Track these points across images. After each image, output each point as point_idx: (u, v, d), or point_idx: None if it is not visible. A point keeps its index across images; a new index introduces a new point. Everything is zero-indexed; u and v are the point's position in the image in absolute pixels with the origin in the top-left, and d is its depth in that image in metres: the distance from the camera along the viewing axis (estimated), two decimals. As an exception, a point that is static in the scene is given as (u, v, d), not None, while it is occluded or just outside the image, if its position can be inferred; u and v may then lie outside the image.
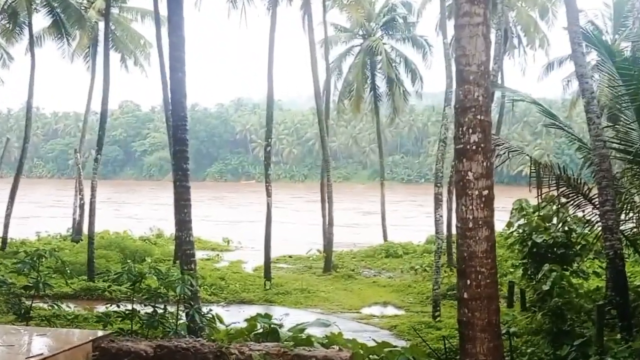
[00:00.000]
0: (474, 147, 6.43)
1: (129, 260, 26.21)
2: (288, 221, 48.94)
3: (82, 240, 31.69)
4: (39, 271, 9.18)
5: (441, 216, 20.70)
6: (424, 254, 31.28)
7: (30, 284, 9.03)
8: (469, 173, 6.44)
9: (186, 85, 13.70)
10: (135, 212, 60.48)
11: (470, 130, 6.45)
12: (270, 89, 26.49)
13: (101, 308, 17.01)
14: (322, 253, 30.46)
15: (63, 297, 18.24)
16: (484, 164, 6.46)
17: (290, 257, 32.75)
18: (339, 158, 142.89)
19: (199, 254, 22.50)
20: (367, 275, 28.09)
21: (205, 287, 22.52)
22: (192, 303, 9.39)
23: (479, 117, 6.46)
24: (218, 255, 32.98)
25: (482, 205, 6.44)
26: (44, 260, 9.52)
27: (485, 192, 6.46)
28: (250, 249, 35.36)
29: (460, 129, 6.52)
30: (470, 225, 6.43)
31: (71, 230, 35.69)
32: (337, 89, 39.73)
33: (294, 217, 55.57)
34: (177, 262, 25.70)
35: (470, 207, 6.43)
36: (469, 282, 6.40)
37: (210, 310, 9.38)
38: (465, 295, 6.43)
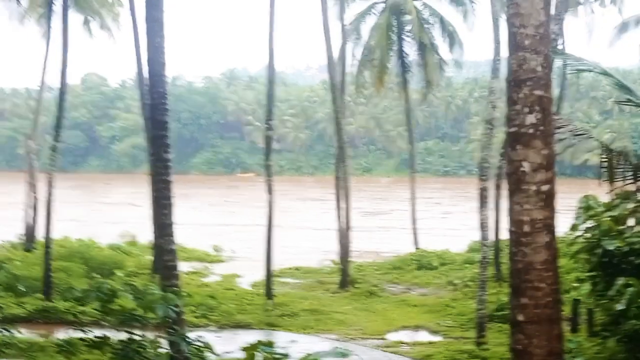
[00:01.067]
0: (530, 131, 6.43)
1: (95, 274, 26.56)
2: (294, 224, 49.03)
3: (36, 249, 31.82)
4: (-16, 289, 9.25)
5: (487, 218, 20.67)
6: (466, 265, 31.23)
7: (-26, 305, 9.09)
8: (525, 163, 6.44)
9: (166, 53, 13.73)
10: (102, 214, 60.70)
11: (527, 109, 6.44)
12: (271, 57, 26.43)
13: (62, 334, 17.11)
14: (337, 264, 30.49)
15: (14, 320, 18.39)
16: (544, 151, 6.45)
17: (297, 269, 32.80)
18: (358, 145, 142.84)
19: (184, 266, 22.58)
20: (393, 291, 28.10)
21: (192, 307, 22.59)
22: (176, 328, 9.43)
23: (537, 92, 6.46)
24: (207, 267, 33.10)
25: (541, 204, 6.44)
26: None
27: (545, 188, 6.46)
28: (247, 259, 35.40)
29: (514, 107, 6.51)
30: (527, 229, 6.44)
31: (23, 237, 35.87)
32: (355, 58, 39.62)
33: (301, 219, 55.61)
34: (156, 276, 25.93)
35: (527, 206, 6.43)
36: (525, 300, 6.41)
37: (200, 336, 9.43)
38: (521, 317, 6.44)
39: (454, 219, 55.87)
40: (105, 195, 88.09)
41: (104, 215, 59.72)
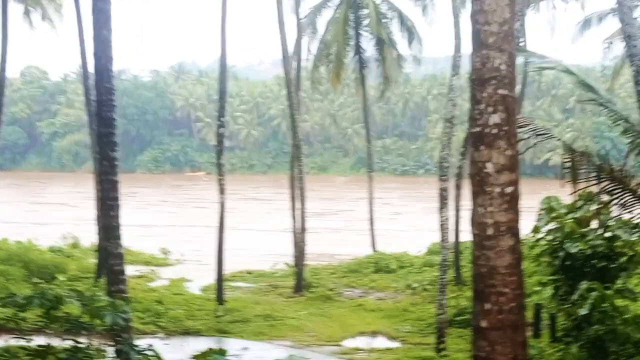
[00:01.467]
0: (494, 131, 6.50)
1: (36, 279, 26.21)
2: (246, 226, 48.87)
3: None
4: None
5: (447, 219, 20.85)
6: (425, 268, 31.44)
7: None
8: (488, 164, 6.51)
9: (113, 47, 13.62)
10: (42, 214, 59.90)
11: (490, 109, 6.52)
12: (223, 50, 26.32)
13: (1, 342, 16.84)
14: (292, 267, 30.47)
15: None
16: (508, 152, 6.53)
17: (249, 273, 32.71)
18: (313, 142, 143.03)
19: (129, 270, 22.38)
20: (350, 296, 28.16)
21: (139, 313, 22.41)
22: (124, 335, 9.37)
23: (501, 91, 6.54)
24: (153, 271, 32.82)
25: (505, 207, 6.52)
26: None
27: (509, 190, 6.54)
28: (196, 262, 35.21)
29: (477, 107, 6.58)
30: (490, 232, 6.50)
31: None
32: (310, 52, 39.64)
33: (253, 220, 55.52)
34: (101, 280, 25.66)
35: (490, 209, 6.50)
36: (488, 306, 6.48)
37: (149, 345, 9.35)
38: (484, 324, 6.51)
39: (412, 220, 56.23)
40: (44, 195, 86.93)
41: (43, 216, 58.88)
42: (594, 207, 15.94)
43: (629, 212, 13.96)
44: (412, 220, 56.37)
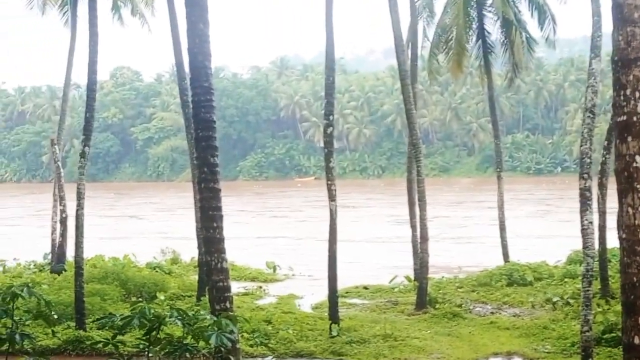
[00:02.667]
0: (644, 120, 6.34)
1: (134, 298, 26.93)
2: (361, 236, 48.95)
3: (65, 270, 32.34)
4: (13, 317, 9.44)
5: (591, 223, 20.37)
6: (566, 280, 30.83)
7: (3, 336, 9.29)
8: (638, 157, 6.35)
9: (210, 42, 13.87)
10: (140, 228, 61.59)
11: (638, 94, 6.36)
12: (329, 41, 26.44)
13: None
14: (413, 281, 30.36)
15: (44, 352, 18.78)
16: (660, 143, 6.36)
17: (365, 288, 32.77)
18: (433, 140, 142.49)
19: (233, 287, 22.75)
20: (480, 312, 27.86)
21: (245, 334, 22.77)
22: (231, 358, 9.53)
23: (650, 73, 6.37)
24: (260, 287, 33.26)
25: (658, 206, 6.35)
26: (17, 300, 9.78)
27: (663, 186, 6.36)
28: (307, 277, 35.55)
29: (622, 92, 6.43)
30: (642, 235, 6.35)
31: (50, 257, 36.50)
32: (427, 39, 39.45)
33: (368, 229, 55.61)
34: (202, 298, 26.17)
35: (641, 209, 6.35)
36: (642, 320, 6.32)
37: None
38: (637, 340, 6.36)
39: (550, 226, 55.29)
40: (142, 206, 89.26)
41: (139, 229, 60.52)
42: None
43: None
44: (548, 226, 55.43)
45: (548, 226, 55.53)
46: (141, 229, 61.37)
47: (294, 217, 70.55)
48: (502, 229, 37.53)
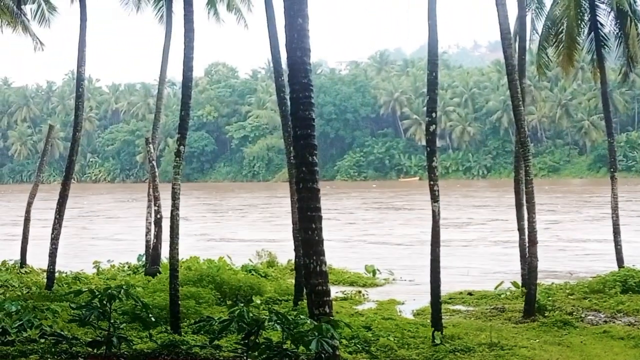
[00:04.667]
0: None
1: (230, 301, 27.22)
2: (465, 238, 48.58)
3: (160, 272, 32.89)
4: (110, 320, 9.63)
5: None
6: (686, 287, 30.16)
7: (100, 338, 9.48)
8: None
9: (310, 37, 13.94)
10: (235, 231, 62.30)
11: None
12: (432, 34, 26.28)
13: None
14: (521, 288, 30.01)
15: (139, 356, 19.13)
16: None
17: (470, 294, 32.50)
18: (542, 139, 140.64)
19: (332, 291, 22.83)
20: (592, 321, 27.36)
21: (344, 340, 22.77)
22: (331, 365, 9.55)
23: None
24: (360, 292, 33.25)
25: None
26: (114, 302, 9.97)
27: None
28: (408, 281, 35.46)
29: None
30: None
31: (144, 259, 37.11)
32: (536, 32, 38.97)
33: (472, 231, 55.19)
34: (299, 302, 26.32)
35: None
36: None
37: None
38: None
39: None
40: (238, 208, 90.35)
41: (235, 231, 61.24)
42: None
43: None
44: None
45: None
46: (236, 230, 62.07)
47: (399, 219, 70.46)
48: (616, 232, 36.78)
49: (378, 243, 51.59)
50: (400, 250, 46.07)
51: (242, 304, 21.75)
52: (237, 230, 62.18)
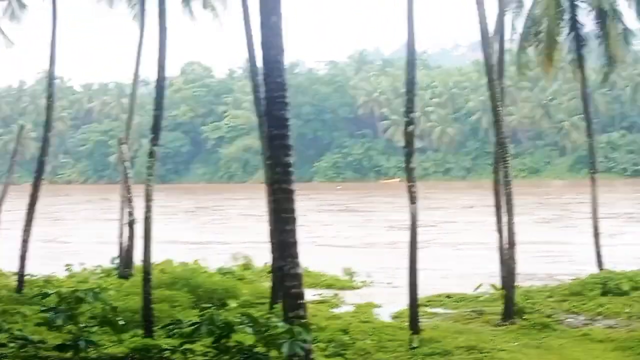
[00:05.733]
0: None
1: (204, 305, 27.12)
2: (442, 240, 48.69)
3: (133, 275, 32.83)
4: (78, 323, 9.61)
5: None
6: (666, 289, 30.34)
7: (68, 342, 9.46)
8: None
9: (283, 35, 13.94)
10: (212, 233, 62.25)
11: None
12: (410, 34, 26.32)
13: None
14: (499, 290, 30.10)
15: None
16: None
17: (448, 296, 32.57)
18: (522, 140, 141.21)
19: (309, 294, 22.81)
20: (572, 324, 27.48)
21: (320, 343, 22.78)
22: (305, 368, 9.54)
23: None
24: (336, 295, 33.28)
25: None
26: (82, 306, 9.94)
27: None
28: (386, 284, 35.50)
29: None
30: None
31: (117, 262, 37.04)
32: (515, 31, 39.13)
33: (450, 233, 55.34)
34: (275, 306, 26.30)
35: None
36: None
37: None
38: None
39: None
40: (214, 210, 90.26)
41: (210, 234, 61.18)
42: None
43: None
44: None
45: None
46: (212, 232, 62.02)
47: (376, 222, 70.57)
48: (596, 234, 37.01)
49: (344, 246, 51.71)
50: (378, 253, 46.12)
51: (216, 308, 21.80)
52: (214, 233, 62.12)
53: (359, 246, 51.32)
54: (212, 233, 61.68)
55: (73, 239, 57.73)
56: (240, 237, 53.47)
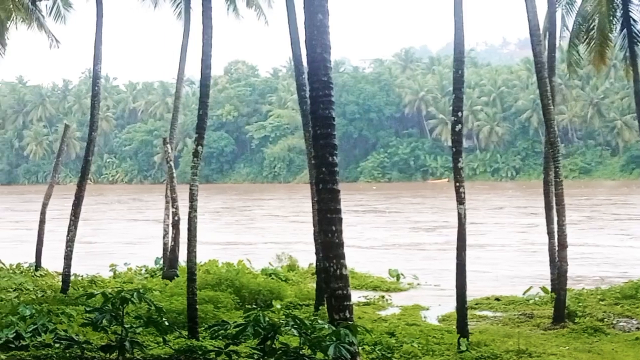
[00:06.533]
0: None
1: (249, 306, 27.23)
2: (491, 242, 48.41)
3: (177, 276, 32.93)
4: (123, 324, 9.68)
5: None
6: None
7: (113, 342, 9.53)
8: None
9: (330, 33, 13.92)
10: (256, 233, 62.34)
11: None
12: (458, 31, 26.23)
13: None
14: (550, 293, 29.88)
15: (155, 361, 19.16)
16: None
17: (497, 299, 32.37)
18: (573, 139, 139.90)
19: (355, 296, 22.77)
20: (624, 327, 27.18)
21: (366, 346, 22.75)
22: (350, 371, 9.51)
23: None
24: (383, 297, 33.21)
25: None
26: (128, 306, 10.00)
27: None
28: (433, 286, 35.36)
29: None
30: None
31: (161, 262, 37.18)
32: (566, 29, 38.82)
33: (499, 235, 54.99)
34: (320, 307, 26.30)
35: None
36: None
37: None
38: None
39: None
40: (258, 208, 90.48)
41: (254, 233, 61.31)
42: None
43: None
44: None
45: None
46: (258, 232, 62.15)
47: (423, 223, 70.36)
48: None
49: (392, 246, 51.59)
50: (424, 255, 45.97)
51: (261, 309, 21.87)
52: (258, 233, 62.23)
53: (405, 246, 51.18)
54: (253, 235, 61.80)
55: (118, 238, 58.07)
56: (284, 238, 53.59)
